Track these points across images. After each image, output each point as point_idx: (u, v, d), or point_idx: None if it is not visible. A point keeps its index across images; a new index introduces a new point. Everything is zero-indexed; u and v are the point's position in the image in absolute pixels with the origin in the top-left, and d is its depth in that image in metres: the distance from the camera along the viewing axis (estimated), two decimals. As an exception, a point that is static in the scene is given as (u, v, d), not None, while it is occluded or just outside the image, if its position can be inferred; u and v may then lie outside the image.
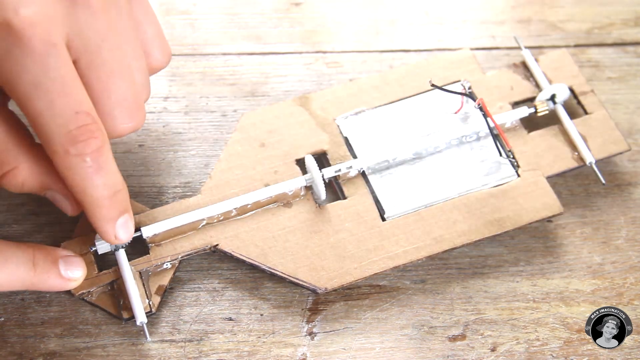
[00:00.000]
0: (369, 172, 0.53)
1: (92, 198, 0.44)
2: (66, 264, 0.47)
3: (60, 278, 0.47)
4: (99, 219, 0.45)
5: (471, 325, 0.50)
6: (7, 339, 0.48)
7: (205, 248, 0.50)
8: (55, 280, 0.47)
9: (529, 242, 0.53)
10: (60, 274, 0.47)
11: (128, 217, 0.46)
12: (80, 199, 0.44)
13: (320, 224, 0.51)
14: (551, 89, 0.55)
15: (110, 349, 0.48)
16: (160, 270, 0.50)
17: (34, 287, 0.47)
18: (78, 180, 0.43)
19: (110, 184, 0.44)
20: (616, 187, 0.55)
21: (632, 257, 0.52)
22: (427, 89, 0.55)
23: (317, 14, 0.61)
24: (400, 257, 0.50)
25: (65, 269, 0.47)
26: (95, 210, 0.44)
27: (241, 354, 0.48)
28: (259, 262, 0.49)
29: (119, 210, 0.45)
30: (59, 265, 0.47)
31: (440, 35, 0.60)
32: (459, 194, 0.52)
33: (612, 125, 0.54)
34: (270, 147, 0.53)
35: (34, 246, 0.47)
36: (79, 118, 0.42)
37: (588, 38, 0.60)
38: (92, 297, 0.49)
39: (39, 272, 0.46)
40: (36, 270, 0.46)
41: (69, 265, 0.47)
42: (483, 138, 0.54)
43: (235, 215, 0.51)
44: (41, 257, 0.47)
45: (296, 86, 0.58)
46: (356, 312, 0.50)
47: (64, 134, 0.42)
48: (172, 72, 0.58)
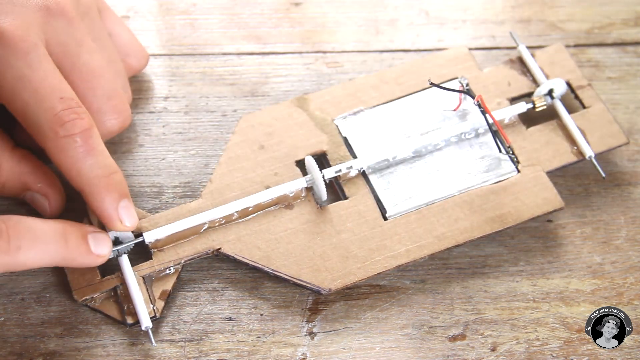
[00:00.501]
0: (369, 171, 0.53)
1: (89, 179, 0.45)
2: (95, 239, 0.47)
3: (90, 254, 0.47)
4: (101, 202, 0.45)
5: (471, 325, 0.50)
6: (7, 339, 0.48)
7: (207, 252, 0.50)
8: (86, 257, 0.47)
9: (529, 242, 0.53)
10: (90, 250, 0.47)
11: (128, 202, 0.46)
12: (78, 183, 0.45)
13: (322, 225, 0.51)
14: (548, 84, 0.55)
15: (110, 349, 0.48)
16: (164, 275, 0.49)
17: (65, 262, 0.47)
18: (71, 163, 0.45)
19: (104, 164, 0.45)
20: (616, 187, 0.55)
21: (632, 257, 0.52)
22: (425, 87, 0.55)
23: (317, 14, 0.61)
24: (403, 256, 0.50)
25: (95, 245, 0.47)
26: (95, 192, 0.45)
27: (241, 354, 0.48)
28: (262, 264, 0.49)
29: (118, 192, 0.46)
30: (88, 240, 0.47)
31: (440, 35, 0.60)
32: (460, 191, 0.52)
33: (611, 119, 0.54)
34: (270, 149, 0.53)
35: (63, 222, 0.47)
36: (64, 101, 0.45)
37: (588, 38, 0.60)
38: (96, 303, 0.49)
39: (71, 248, 0.46)
40: (68, 246, 0.46)
41: (98, 241, 0.47)
42: (482, 135, 0.54)
43: (236, 218, 0.51)
44: (72, 233, 0.47)
45: (296, 86, 0.58)
46: (356, 312, 0.50)
47: (52, 116, 0.44)
48: (172, 72, 0.58)
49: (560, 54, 0.57)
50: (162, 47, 0.59)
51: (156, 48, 0.59)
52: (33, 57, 0.45)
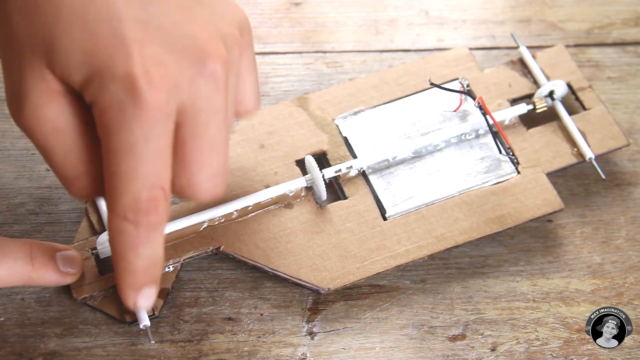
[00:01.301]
0: (369, 171, 0.53)
1: (128, 264, 0.42)
2: (63, 258, 0.47)
3: (57, 273, 0.47)
4: (126, 284, 0.43)
5: (471, 325, 0.50)
6: (7, 339, 0.48)
7: (207, 251, 0.50)
8: (53, 275, 0.47)
9: (529, 242, 0.53)
10: (57, 269, 0.47)
11: (154, 289, 0.44)
12: (116, 261, 0.42)
13: (322, 225, 0.51)
14: (549, 85, 0.55)
15: (110, 349, 0.48)
16: (163, 273, 0.49)
17: (32, 282, 0.47)
18: (122, 245, 0.41)
19: (150, 257, 0.42)
20: (616, 187, 0.55)
21: (632, 257, 0.52)
22: (426, 88, 0.55)
23: (317, 14, 0.61)
24: (403, 256, 0.50)
25: (63, 264, 0.47)
26: (125, 276, 0.42)
27: (241, 354, 0.48)
28: (261, 263, 0.49)
29: (148, 281, 0.43)
30: (56, 259, 0.47)
31: (440, 35, 0.60)
32: (460, 192, 0.52)
33: (611, 121, 0.54)
34: (270, 148, 0.53)
35: (30, 241, 0.47)
36: (153, 191, 0.40)
37: (588, 38, 0.60)
38: (95, 302, 0.49)
39: (36, 267, 0.46)
40: (34, 265, 0.46)
41: (66, 260, 0.47)
42: (482, 136, 0.54)
43: (236, 217, 0.51)
44: (38, 251, 0.47)
45: (296, 86, 0.58)
46: (356, 311, 0.50)
47: (132, 200, 0.40)
48: (172, 72, 0.58)
49: (561, 55, 0.57)
50: (162, 47, 0.59)
51: (156, 48, 0.59)
52: (156, 132, 0.39)
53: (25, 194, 0.53)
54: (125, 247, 0.41)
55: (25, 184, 0.53)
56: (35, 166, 0.54)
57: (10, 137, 0.55)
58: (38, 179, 0.53)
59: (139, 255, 0.41)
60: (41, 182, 0.53)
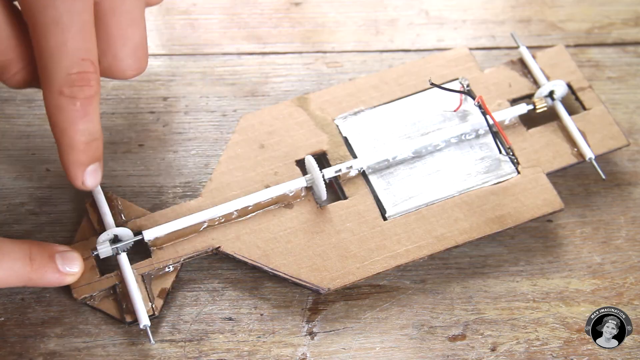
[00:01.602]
0: (369, 171, 0.53)
1: (70, 140, 0.45)
2: (63, 258, 0.47)
3: (57, 273, 0.47)
4: (71, 162, 0.45)
5: (471, 325, 0.50)
6: (7, 339, 0.48)
7: (207, 250, 0.50)
8: (52, 275, 0.47)
9: (529, 242, 0.53)
10: (57, 269, 0.47)
11: (98, 166, 0.46)
12: (58, 139, 0.45)
13: (322, 224, 0.51)
14: (549, 85, 0.55)
15: (110, 349, 0.48)
16: (163, 273, 0.49)
17: (32, 282, 0.47)
18: (62, 121, 0.44)
19: (90, 131, 0.45)
20: (616, 187, 0.55)
21: (632, 257, 0.52)
22: (426, 88, 0.55)
23: (317, 14, 0.61)
24: (402, 256, 0.50)
25: (63, 264, 0.47)
26: (69, 153, 0.45)
27: (241, 354, 0.48)
28: (261, 263, 0.49)
29: (92, 157, 0.46)
30: (55, 260, 0.47)
31: (440, 35, 0.60)
32: (460, 191, 0.52)
33: (611, 121, 0.54)
34: (270, 148, 0.53)
35: (29, 242, 0.47)
36: (83, 64, 0.44)
37: (588, 38, 0.60)
38: (95, 302, 0.49)
39: (36, 268, 0.46)
40: (33, 265, 0.46)
41: (66, 260, 0.47)
42: (482, 136, 0.54)
43: (236, 217, 0.51)
44: (37, 252, 0.47)
45: (296, 86, 0.58)
46: (356, 312, 0.50)
47: (64, 75, 0.44)
48: (172, 72, 0.58)
49: (561, 55, 0.57)
50: (162, 47, 0.59)
51: (156, 48, 0.59)
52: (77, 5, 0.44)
53: (25, 194, 0.53)
54: (66, 124, 0.44)
55: (25, 184, 0.53)
56: (35, 166, 0.54)
57: (10, 137, 0.55)
58: (38, 179, 0.53)
59: (79, 131, 0.44)
60: (41, 182, 0.53)
